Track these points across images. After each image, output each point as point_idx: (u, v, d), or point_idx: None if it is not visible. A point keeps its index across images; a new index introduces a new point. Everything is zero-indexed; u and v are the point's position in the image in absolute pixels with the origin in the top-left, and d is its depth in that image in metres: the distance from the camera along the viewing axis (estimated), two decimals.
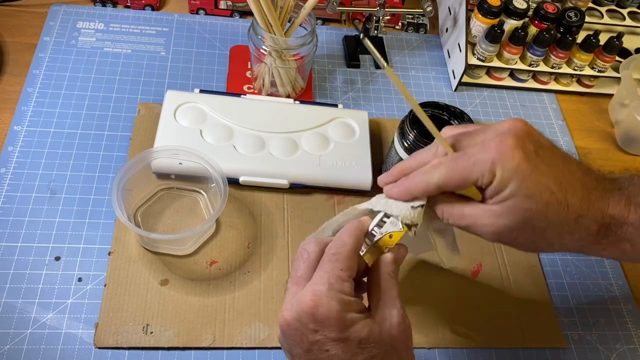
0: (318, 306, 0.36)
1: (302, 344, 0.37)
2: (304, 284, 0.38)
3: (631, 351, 0.57)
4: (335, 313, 0.36)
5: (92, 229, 0.57)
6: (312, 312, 0.36)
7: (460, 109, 0.59)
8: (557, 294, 0.60)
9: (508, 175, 0.36)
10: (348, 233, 0.40)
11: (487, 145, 0.37)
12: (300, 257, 0.40)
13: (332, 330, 0.36)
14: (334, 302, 0.36)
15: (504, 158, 0.36)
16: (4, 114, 0.64)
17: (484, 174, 0.37)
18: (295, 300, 0.37)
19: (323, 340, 0.36)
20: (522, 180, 0.36)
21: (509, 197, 0.36)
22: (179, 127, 0.62)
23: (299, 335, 0.37)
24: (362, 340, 0.37)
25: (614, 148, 0.76)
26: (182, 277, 0.55)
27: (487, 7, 0.72)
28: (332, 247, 0.39)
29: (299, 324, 0.37)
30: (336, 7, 0.73)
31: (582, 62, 0.77)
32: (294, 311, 0.37)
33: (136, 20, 0.77)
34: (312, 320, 0.36)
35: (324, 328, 0.36)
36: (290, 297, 0.38)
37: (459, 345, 0.55)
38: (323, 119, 0.66)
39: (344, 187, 0.62)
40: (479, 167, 0.37)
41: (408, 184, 0.41)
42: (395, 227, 0.41)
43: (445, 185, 0.39)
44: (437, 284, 0.58)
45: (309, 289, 0.37)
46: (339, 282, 0.37)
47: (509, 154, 0.36)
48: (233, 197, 0.61)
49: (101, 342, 0.50)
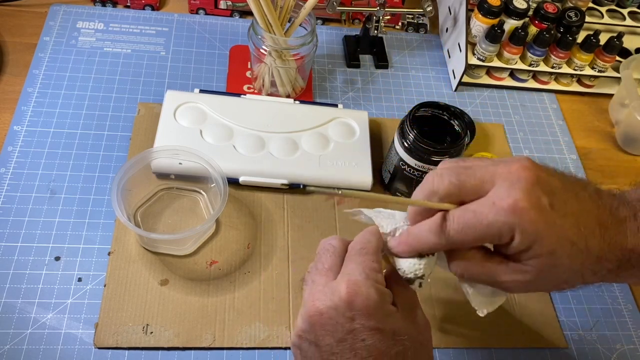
0: (357, 294, 0.36)
1: (335, 333, 0.36)
2: (333, 275, 0.38)
3: (631, 351, 0.57)
4: (374, 302, 0.36)
5: (92, 229, 0.56)
6: (351, 299, 0.35)
7: (460, 109, 0.59)
8: (557, 294, 0.60)
9: (529, 238, 0.35)
10: (371, 233, 0.40)
11: (499, 206, 0.34)
12: (326, 250, 0.40)
13: (370, 319, 0.36)
14: (373, 290, 0.36)
15: (520, 221, 0.34)
16: (4, 114, 0.64)
17: (501, 237, 0.35)
18: (328, 290, 0.37)
19: (360, 329, 0.36)
20: (543, 239, 0.35)
21: (532, 257, 0.36)
22: (179, 127, 0.62)
23: (333, 324, 0.36)
24: (396, 332, 0.37)
25: (614, 148, 0.76)
26: (182, 277, 0.55)
27: (487, 7, 0.72)
28: (357, 243, 0.39)
29: (335, 312, 0.36)
30: (336, 7, 0.73)
31: (582, 62, 0.77)
32: (329, 300, 0.36)
33: (136, 20, 0.77)
34: (350, 308, 0.36)
35: (362, 317, 0.36)
36: (320, 288, 0.37)
37: (459, 345, 0.55)
38: (323, 119, 0.66)
39: (344, 187, 0.62)
40: (493, 230, 0.35)
41: (411, 242, 0.39)
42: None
43: (455, 245, 0.37)
44: (437, 283, 0.58)
45: (344, 279, 0.36)
46: (374, 272, 0.37)
47: (525, 217, 0.34)
48: (233, 197, 0.61)
49: (101, 342, 0.50)
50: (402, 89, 0.77)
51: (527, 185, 0.35)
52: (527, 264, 0.36)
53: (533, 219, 0.34)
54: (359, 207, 0.44)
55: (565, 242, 0.35)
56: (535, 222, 0.34)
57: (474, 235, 0.36)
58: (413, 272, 0.39)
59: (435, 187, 0.37)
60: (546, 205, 0.35)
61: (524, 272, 0.37)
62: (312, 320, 0.37)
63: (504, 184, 0.35)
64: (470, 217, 0.36)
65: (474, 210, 0.36)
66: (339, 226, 0.61)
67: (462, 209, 0.36)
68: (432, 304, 0.57)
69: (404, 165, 0.60)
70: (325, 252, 0.40)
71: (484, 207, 0.35)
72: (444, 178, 0.37)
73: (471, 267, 0.38)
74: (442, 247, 0.38)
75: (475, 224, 0.35)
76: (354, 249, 0.39)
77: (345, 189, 0.36)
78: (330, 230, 0.60)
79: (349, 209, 0.45)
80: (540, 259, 0.36)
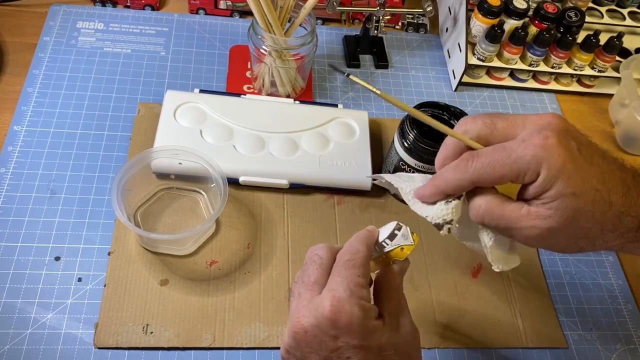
0: (340, 312, 0.35)
1: (320, 352, 0.36)
2: (318, 289, 0.38)
3: (631, 351, 0.57)
4: (358, 320, 0.35)
5: (92, 229, 0.56)
6: (334, 318, 0.35)
7: (461, 109, 0.59)
8: (557, 294, 0.60)
9: (554, 174, 0.34)
10: (360, 241, 0.40)
11: (529, 142, 0.35)
12: (313, 262, 0.39)
13: (354, 337, 0.36)
14: (356, 308, 0.36)
15: (548, 156, 0.34)
16: (4, 114, 0.64)
17: (527, 171, 0.35)
18: (313, 306, 0.36)
19: (344, 347, 0.36)
20: (568, 179, 0.34)
21: (555, 197, 0.35)
22: (178, 127, 0.62)
23: (318, 342, 0.36)
24: (382, 347, 0.36)
25: (614, 148, 0.76)
26: (182, 277, 0.55)
27: (487, 7, 0.72)
28: (345, 253, 0.39)
29: (318, 331, 0.36)
30: (336, 7, 0.73)
31: (582, 62, 0.77)
32: (313, 317, 0.36)
33: (136, 20, 0.77)
34: (333, 326, 0.35)
35: (346, 335, 0.36)
36: (305, 303, 0.37)
37: (459, 346, 0.55)
38: (323, 119, 0.66)
39: (344, 187, 0.62)
40: (520, 164, 0.35)
41: (438, 182, 0.39)
42: (407, 240, 0.41)
43: (480, 180, 0.37)
44: (437, 283, 0.58)
45: (329, 295, 0.36)
46: (359, 288, 0.37)
47: (554, 152, 0.34)
48: (233, 197, 0.61)
49: (101, 342, 0.50)
50: (402, 89, 0.77)
51: (558, 129, 0.35)
52: (549, 207, 0.35)
53: (561, 155, 0.34)
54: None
55: (590, 187, 0.35)
56: (562, 159, 0.34)
57: (500, 171, 0.36)
58: (441, 217, 0.39)
59: (467, 127, 0.38)
60: (574, 148, 0.35)
61: (545, 218, 0.36)
62: (298, 337, 0.37)
63: (534, 127, 0.36)
64: (498, 151, 0.36)
65: (503, 146, 0.36)
66: (339, 226, 0.61)
67: (490, 146, 0.37)
68: (432, 305, 0.57)
69: (404, 165, 0.60)
70: (311, 263, 0.40)
71: (512, 144, 0.36)
72: (476, 119, 0.38)
73: (492, 208, 0.37)
74: (468, 183, 0.37)
75: (503, 158, 0.35)
76: (341, 259, 0.39)
77: (384, 93, 0.37)
78: (330, 230, 0.60)
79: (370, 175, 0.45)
80: (563, 200, 0.35)
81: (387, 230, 0.41)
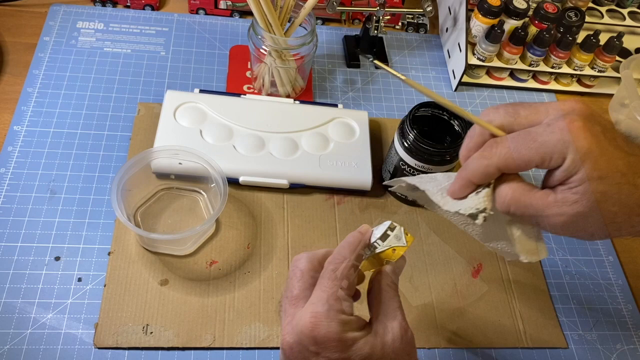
0: (318, 328, 0.35)
1: None
2: (301, 304, 0.38)
3: (631, 351, 0.57)
4: (335, 334, 0.36)
5: (92, 229, 0.56)
6: (312, 334, 0.35)
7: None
8: (557, 294, 0.60)
9: (581, 157, 0.34)
10: (348, 247, 0.40)
11: (555, 126, 0.35)
12: (294, 275, 0.40)
13: (333, 352, 0.36)
14: (334, 323, 0.36)
15: (575, 139, 0.34)
16: (4, 114, 0.64)
17: (553, 156, 0.35)
18: (295, 323, 0.37)
19: None
20: (595, 162, 0.34)
21: (582, 181, 0.35)
22: (178, 127, 0.62)
23: (301, 357, 0.37)
24: (364, 358, 0.36)
25: None
26: (182, 277, 0.55)
27: (487, 7, 0.72)
28: (331, 262, 0.39)
29: (301, 347, 0.36)
30: (336, 7, 0.73)
31: (582, 62, 0.77)
32: (295, 334, 0.36)
33: (136, 20, 0.77)
34: (313, 342, 0.36)
35: (325, 350, 0.36)
36: (289, 319, 0.38)
37: (459, 346, 0.55)
38: (323, 119, 0.66)
39: (344, 187, 0.62)
40: (546, 148, 0.35)
41: (464, 174, 0.39)
42: (399, 241, 0.41)
43: (506, 166, 0.36)
44: (437, 284, 0.58)
45: (308, 310, 0.36)
46: (339, 302, 0.37)
47: (580, 136, 0.34)
48: (233, 197, 0.61)
49: (101, 342, 0.50)
50: (402, 89, 0.77)
51: (582, 113, 0.35)
52: (575, 192, 0.35)
53: (587, 138, 0.34)
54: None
55: (615, 170, 0.35)
56: (589, 142, 0.34)
57: (526, 155, 0.35)
58: (474, 207, 0.38)
59: (491, 117, 0.38)
60: (599, 132, 0.35)
61: (572, 203, 0.35)
62: (286, 354, 0.38)
63: (558, 112, 0.36)
64: (523, 136, 0.36)
65: (527, 131, 0.36)
66: (338, 226, 0.61)
67: (514, 132, 0.37)
68: (432, 305, 0.57)
69: (404, 165, 0.60)
70: (293, 276, 0.40)
71: (538, 129, 0.36)
72: (499, 109, 0.38)
73: (519, 196, 0.37)
74: (494, 169, 0.37)
75: (528, 142, 0.35)
76: (327, 268, 0.39)
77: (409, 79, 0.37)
78: (330, 230, 0.60)
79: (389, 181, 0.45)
80: (589, 184, 0.34)
81: (380, 231, 0.41)
